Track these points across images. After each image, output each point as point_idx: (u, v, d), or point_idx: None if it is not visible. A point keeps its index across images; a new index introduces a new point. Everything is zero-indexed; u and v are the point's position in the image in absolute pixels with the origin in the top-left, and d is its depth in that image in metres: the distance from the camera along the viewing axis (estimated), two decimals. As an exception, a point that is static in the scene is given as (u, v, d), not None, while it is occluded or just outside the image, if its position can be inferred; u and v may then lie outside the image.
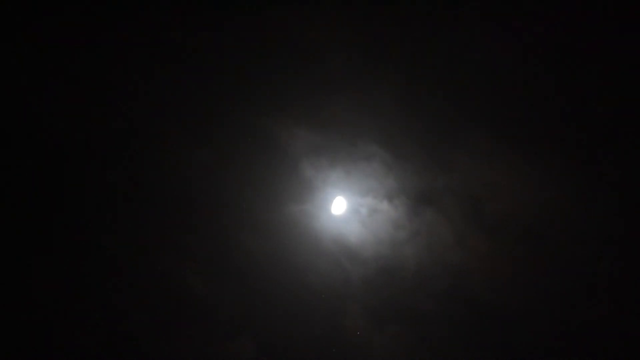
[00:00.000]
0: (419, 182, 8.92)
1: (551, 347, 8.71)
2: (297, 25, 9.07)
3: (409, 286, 9.17)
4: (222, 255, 9.18)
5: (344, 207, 9.13)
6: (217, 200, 9.13)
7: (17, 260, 8.61)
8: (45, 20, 8.81)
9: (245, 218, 9.14)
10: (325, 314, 9.19)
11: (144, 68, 9.00)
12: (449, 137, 8.73)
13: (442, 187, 8.88)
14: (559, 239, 8.71)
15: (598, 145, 8.61)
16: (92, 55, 8.91)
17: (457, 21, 8.91)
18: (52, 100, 8.79)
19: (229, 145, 9.10)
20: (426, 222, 9.04)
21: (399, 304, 9.18)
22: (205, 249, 9.12)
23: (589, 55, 8.68)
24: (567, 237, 8.68)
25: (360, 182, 9.01)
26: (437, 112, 8.75)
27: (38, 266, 8.68)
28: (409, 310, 9.16)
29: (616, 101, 8.59)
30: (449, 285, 9.07)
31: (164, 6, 8.94)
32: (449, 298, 9.09)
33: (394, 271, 9.17)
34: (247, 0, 9.05)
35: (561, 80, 8.79)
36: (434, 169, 8.82)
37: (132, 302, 8.91)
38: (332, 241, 9.19)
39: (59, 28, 8.81)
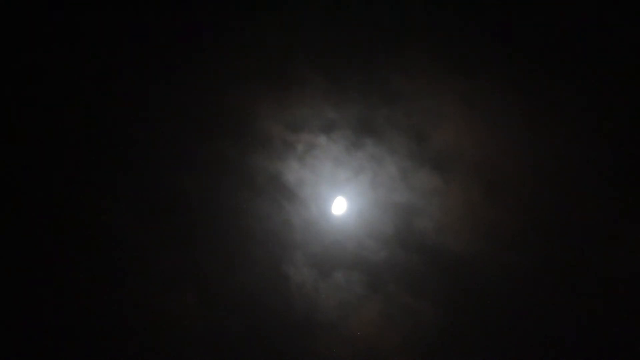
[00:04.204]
0: (358, 111, 8.07)
1: (505, 290, 8.13)
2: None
3: (353, 230, 8.52)
4: (153, 196, 8.52)
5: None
6: (143, 135, 8.38)
7: None
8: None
9: (174, 155, 8.42)
10: (267, 262, 8.56)
11: None
12: (389, 58, 7.81)
13: (385, 116, 8.02)
14: (513, 173, 7.94)
15: (551, 71, 7.71)
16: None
17: None
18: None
19: (155, 74, 8.28)
20: (369, 156, 8.25)
21: (343, 249, 8.56)
22: (133, 189, 8.46)
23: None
24: (521, 172, 7.91)
25: (293, 112, 8.17)
26: (374, 26, 7.80)
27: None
28: (354, 256, 8.56)
29: (570, 24, 7.66)
30: (395, 228, 8.40)
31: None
32: (396, 241, 8.44)
33: (336, 213, 8.51)
34: None
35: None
36: (374, 95, 7.96)
37: (59, 251, 8.27)
38: (267, 180, 8.46)
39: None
